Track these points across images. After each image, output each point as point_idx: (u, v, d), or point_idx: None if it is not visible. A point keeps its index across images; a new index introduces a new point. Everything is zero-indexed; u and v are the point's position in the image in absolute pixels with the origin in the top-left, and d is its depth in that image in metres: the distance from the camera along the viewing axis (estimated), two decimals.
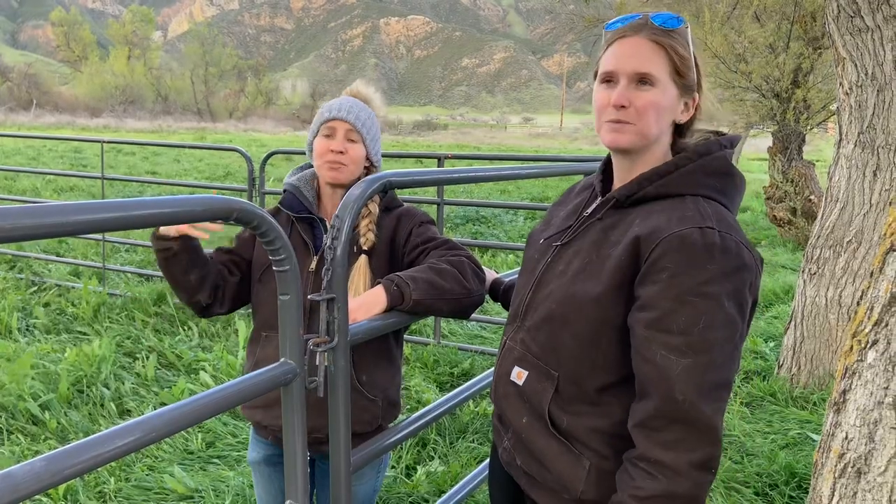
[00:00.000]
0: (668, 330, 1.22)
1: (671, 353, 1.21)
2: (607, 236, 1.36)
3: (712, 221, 1.24)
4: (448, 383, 4.51)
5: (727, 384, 1.24)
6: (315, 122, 1.94)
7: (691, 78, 1.33)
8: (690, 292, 1.21)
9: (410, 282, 1.63)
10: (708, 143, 1.35)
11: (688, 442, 1.21)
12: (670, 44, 1.30)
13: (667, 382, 1.22)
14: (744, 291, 1.24)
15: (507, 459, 1.52)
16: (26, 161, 18.84)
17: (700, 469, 1.21)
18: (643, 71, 1.30)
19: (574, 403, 1.38)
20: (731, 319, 1.22)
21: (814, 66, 9.42)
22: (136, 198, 1.00)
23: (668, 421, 1.22)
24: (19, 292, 6.02)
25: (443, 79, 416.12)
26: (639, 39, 1.31)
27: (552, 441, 1.39)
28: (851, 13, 3.78)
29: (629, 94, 1.30)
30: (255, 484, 2.04)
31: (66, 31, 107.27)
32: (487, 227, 10.59)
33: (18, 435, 3.59)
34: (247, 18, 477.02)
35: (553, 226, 1.54)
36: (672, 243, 1.23)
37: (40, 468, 0.91)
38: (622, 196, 1.36)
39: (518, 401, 1.46)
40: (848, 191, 4.15)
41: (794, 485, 3.26)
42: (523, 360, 1.45)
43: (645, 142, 1.34)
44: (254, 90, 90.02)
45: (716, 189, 1.32)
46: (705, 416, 1.21)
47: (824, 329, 4.36)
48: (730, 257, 1.22)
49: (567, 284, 1.37)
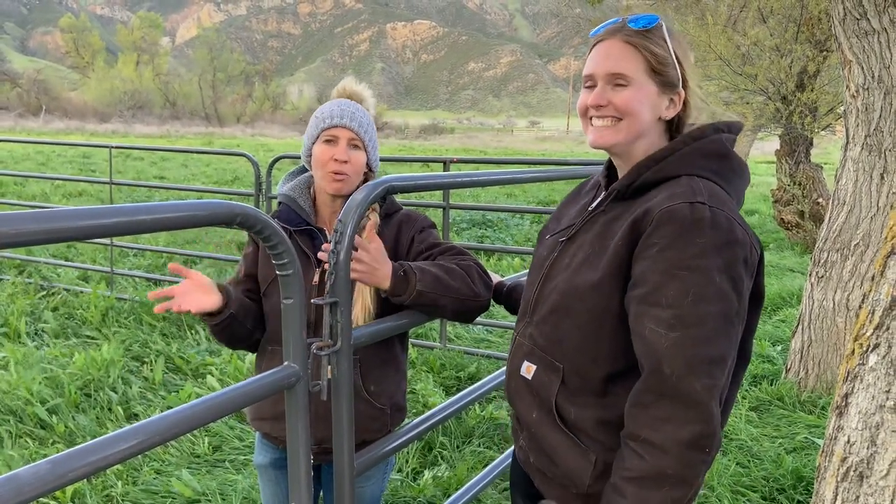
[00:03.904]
0: (656, 303, 1.22)
1: (659, 327, 1.21)
2: (610, 228, 1.36)
3: (703, 196, 1.24)
4: (454, 387, 4.51)
5: (720, 360, 1.21)
6: (314, 126, 1.87)
7: (671, 74, 1.34)
8: (679, 266, 1.20)
9: (418, 272, 1.63)
10: (703, 127, 1.36)
11: (676, 419, 1.19)
12: (643, 43, 1.33)
13: (655, 356, 1.21)
14: (736, 266, 1.22)
15: (523, 458, 1.53)
16: (35, 166, 18.96)
17: (690, 448, 1.19)
18: (616, 71, 1.33)
19: (580, 395, 1.38)
20: (722, 293, 1.20)
21: (820, 68, 9.39)
22: (140, 203, 1.01)
23: (656, 396, 1.21)
24: (28, 297, 6.05)
25: (449, 83, 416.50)
26: (613, 42, 1.35)
27: (560, 435, 1.39)
28: (858, 16, 3.77)
29: (606, 94, 1.35)
30: (262, 487, 2.04)
31: (75, 37, 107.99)
32: (493, 230, 10.59)
33: (27, 439, 3.61)
34: (254, 24, 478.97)
35: (562, 224, 1.55)
36: (662, 218, 1.23)
37: (45, 470, 0.92)
38: (622, 186, 1.37)
39: (528, 395, 1.47)
40: (855, 194, 4.14)
41: (802, 489, 3.25)
42: (532, 355, 1.46)
43: (628, 137, 1.36)
44: (261, 95, 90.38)
45: (712, 171, 1.32)
46: (695, 392, 1.18)
47: (832, 333, 4.34)
48: (720, 231, 1.21)
49: (570, 276, 1.38)
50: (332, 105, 1.87)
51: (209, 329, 1.77)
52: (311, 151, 1.87)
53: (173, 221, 1.05)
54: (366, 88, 1.95)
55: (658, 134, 1.39)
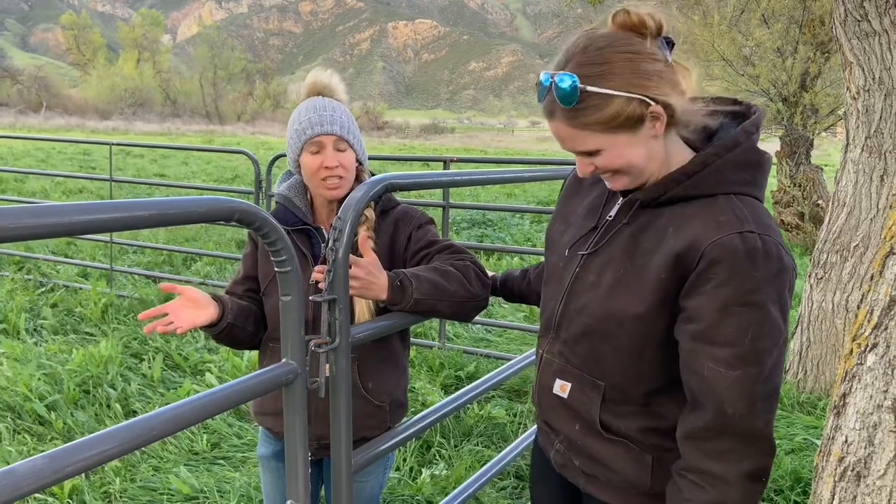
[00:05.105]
0: (714, 342, 1.19)
1: (719, 366, 1.18)
2: (638, 243, 1.31)
3: (750, 224, 1.19)
4: (453, 386, 4.51)
5: (776, 392, 1.21)
6: (295, 138, 1.81)
7: (631, 111, 1.21)
8: (736, 302, 1.17)
9: (414, 280, 1.63)
10: (735, 135, 1.27)
11: (738, 452, 1.19)
12: (583, 122, 1.23)
13: (716, 396, 1.19)
14: (785, 294, 1.21)
15: (560, 462, 1.50)
16: (36, 163, 18.97)
17: (751, 480, 1.19)
18: (579, 150, 1.28)
19: (623, 406, 1.36)
20: (777, 326, 1.19)
21: (822, 70, 9.39)
22: (139, 199, 1.01)
23: (718, 433, 1.20)
24: (27, 293, 6.05)
25: (450, 82, 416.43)
26: (558, 124, 1.26)
27: (609, 444, 1.38)
28: (859, 17, 3.77)
29: (589, 163, 1.30)
30: (263, 479, 2.05)
31: (75, 34, 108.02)
32: (493, 230, 10.59)
33: (25, 435, 3.61)
34: (255, 22, 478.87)
35: (573, 225, 1.48)
36: (714, 252, 1.18)
37: (42, 465, 0.92)
38: (647, 199, 1.30)
39: (565, 411, 1.44)
40: (855, 195, 4.14)
41: (800, 490, 3.25)
42: (565, 373, 1.43)
43: (640, 177, 1.30)
44: (262, 93, 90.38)
45: (747, 182, 1.26)
46: (757, 428, 1.18)
47: (831, 334, 4.34)
48: (772, 261, 1.18)
49: (603, 299, 1.33)
50: (308, 111, 1.81)
51: (210, 336, 1.79)
52: (298, 162, 1.84)
53: (172, 217, 1.05)
54: (334, 76, 1.88)
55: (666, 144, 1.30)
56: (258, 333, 1.88)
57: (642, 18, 1.22)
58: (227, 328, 1.75)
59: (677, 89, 1.25)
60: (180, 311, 1.66)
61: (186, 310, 1.67)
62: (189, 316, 1.66)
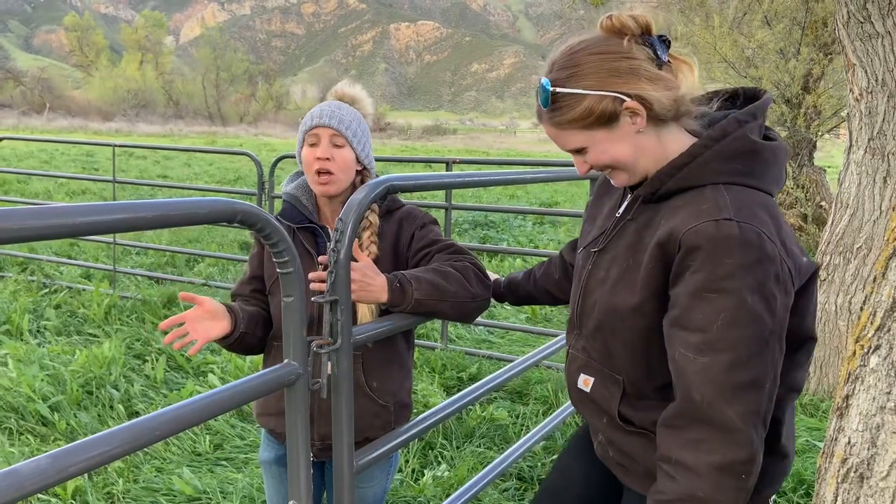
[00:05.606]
0: (686, 327, 1.19)
1: (688, 351, 1.18)
2: (641, 238, 1.33)
3: (730, 212, 1.18)
4: (455, 387, 4.50)
5: (755, 384, 1.16)
6: (299, 132, 1.87)
7: (601, 109, 1.26)
8: (707, 288, 1.16)
9: (414, 281, 1.63)
10: (724, 125, 1.26)
11: (710, 443, 1.17)
12: (560, 122, 1.31)
13: (685, 381, 1.19)
14: (769, 284, 1.16)
15: (602, 454, 1.54)
16: (39, 164, 19.00)
17: (724, 473, 1.16)
18: (569, 148, 1.35)
19: (642, 400, 1.38)
20: (755, 315, 1.15)
21: (824, 71, 9.38)
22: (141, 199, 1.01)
23: (689, 420, 1.19)
24: (31, 294, 6.07)
25: (452, 84, 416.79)
26: (545, 126, 1.36)
27: (631, 436, 1.40)
28: (862, 19, 3.77)
29: (582, 161, 1.37)
30: (266, 483, 2.05)
31: (79, 35, 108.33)
32: (496, 231, 10.59)
33: (28, 436, 3.61)
34: (258, 23, 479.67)
35: (597, 224, 1.51)
36: (689, 239, 1.19)
37: (46, 465, 0.92)
38: (647, 194, 1.33)
39: (591, 405, 1.47)
40: (858, 197, 4.13)
41: (803, 492, 3.24)
42: (588, 367, 1.46)
43: (635, 173, 1.35)
44: (264, 95, 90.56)
45: (739, 172, 1.25)
46: (728, 418, 1.15)
47: (834, 336, 4.33)
48: (750, 249, 1.15)
49: (608, 294, 1.36)
50: (316, 107, 1.86)
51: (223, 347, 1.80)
52: (301, 157, 1.87)
53: (174, 218, 1.05)
54: (361, 90, 1.92)
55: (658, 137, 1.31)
56: (267, 338, 1.89)
57: (623, 21, 1.27)
58: (239, 337, 1.76)
59: (662, 84, 1.26)
60: (197, 321, 1.67)
61: (203, 321, 1.68)
62: (205, 329, 1.68)
